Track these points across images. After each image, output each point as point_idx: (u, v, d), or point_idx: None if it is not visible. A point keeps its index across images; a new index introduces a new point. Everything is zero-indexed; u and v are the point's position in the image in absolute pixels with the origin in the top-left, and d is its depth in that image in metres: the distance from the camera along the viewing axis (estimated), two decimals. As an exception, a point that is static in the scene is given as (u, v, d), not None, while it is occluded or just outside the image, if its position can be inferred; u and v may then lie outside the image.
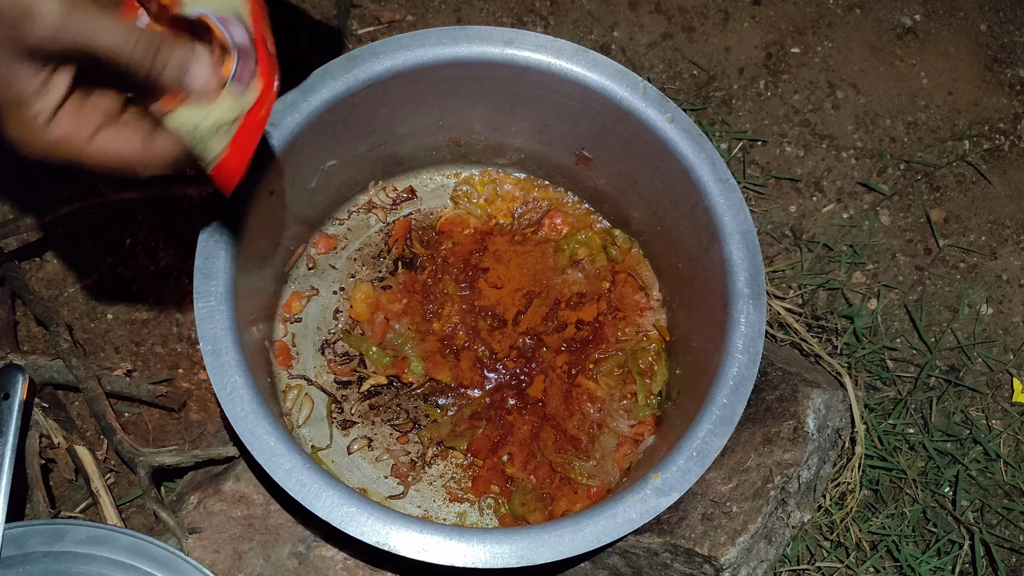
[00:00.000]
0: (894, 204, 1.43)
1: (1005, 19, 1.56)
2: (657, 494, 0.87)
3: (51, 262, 1.24)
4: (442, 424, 1.09)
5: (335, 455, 1.07)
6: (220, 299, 0.89)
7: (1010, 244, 1.42)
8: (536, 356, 1.11)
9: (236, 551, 1.00)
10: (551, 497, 1.06)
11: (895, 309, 1.36)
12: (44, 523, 0.92)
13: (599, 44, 1.47)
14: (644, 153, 1.04)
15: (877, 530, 1.20)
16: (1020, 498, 1.25)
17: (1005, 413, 1.30)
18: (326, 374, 1.11)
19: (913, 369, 1.31)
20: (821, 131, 1.46)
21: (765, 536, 1.04)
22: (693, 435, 0.90)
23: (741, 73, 1.48)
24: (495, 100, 1.07)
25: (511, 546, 0.84)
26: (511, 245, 1.17)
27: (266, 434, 0.85)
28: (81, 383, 1.09)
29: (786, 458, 1.04)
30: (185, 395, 1.19)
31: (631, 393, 1.11)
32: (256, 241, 0.97)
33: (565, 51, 1.01)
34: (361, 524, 0.83)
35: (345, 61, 0.98)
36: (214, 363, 0.87)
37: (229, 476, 1.04)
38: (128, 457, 1.05)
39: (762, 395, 1.09)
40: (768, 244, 1.38)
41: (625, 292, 1.15)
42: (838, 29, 1.52)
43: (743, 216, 0.98)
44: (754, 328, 0.94)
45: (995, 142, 1.48)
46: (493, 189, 1.19)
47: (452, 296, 1.13)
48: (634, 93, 1.01)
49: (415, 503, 1.06)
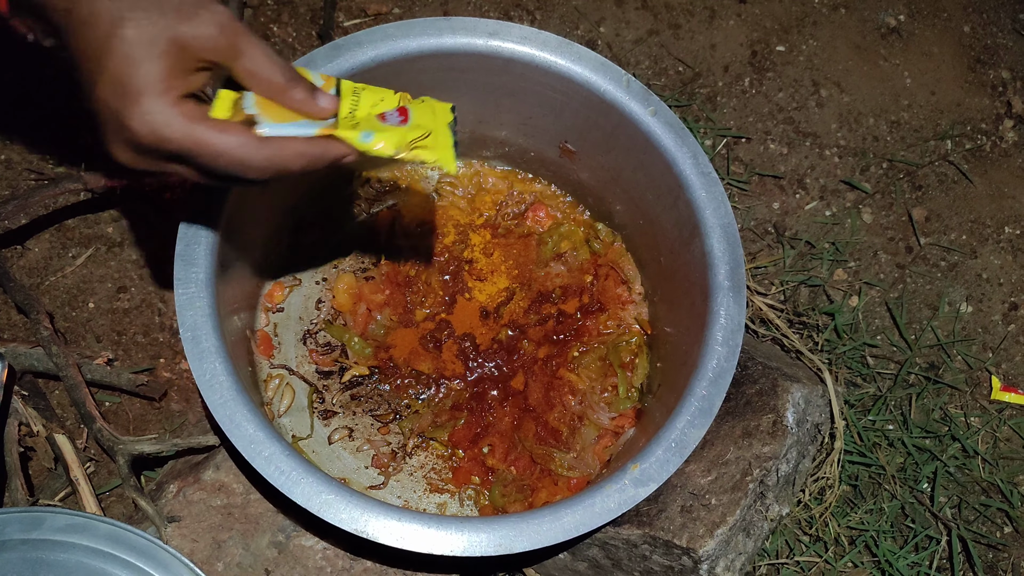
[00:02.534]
0: (876, 202, 1.43)
1: (988, 21, 1.57)
2: (635, 484, 0.88)
3: (33, 250, 1.23)
4: (423, 415, 1.09)
5: (316, 445, 1.07)
6: (201, 286, 0.88)
7: (990, 243, 1.43)
8: (518, 348, 1.12)
9: (215, 540, 1.00)
10: (531, 488, 1.06)
11: (876, 306, 1.37)
12: (22, 511, 0.92)
13: (585, 39, 1.48)
14: (627, 146, 1.04)
15: (856, 525, 1.20)
16: (997, 495, 1.26)
17: (983, 410, 1.31)
18: (308, 364, 1.10)
19: (893, 366, 1.32)
20: (805, 129, 1.47)
21: (744, 529, 1.04)
22: (672, 426, 0.90)
23: (726, 70, 1.49)
24: (479, 92, 1.07)
25: (489, 534, 0.84)
26: (494, 238, 1.17)
27: (245, 421, 0.85)
28: (61, 371, 1.08)
29: (765, 451, 1.04)
30: (166, 384, 1.19)
31: (612, 386, 1.11)
32: (237, 229, 0.97)
33: (549, 43, 1.01)
34: (340, 512, 0.83)
35: (329, 50, 0.97)
36: (194, 350, 0.86)
37: (209, 465, 1.04)
38: (108, 445, 1.05)
39: (742, 389, 1.09)
40: (751, 240, 1.39)
41: (607, 285, 1.16)
42: (823, 28, 1.53)
43: (724, 209, 0.98)
44: (734, 321, 0.95)
45: (977, 142, 1.49)
46: (477, 181, 1.20)
47: (434, 288, 1.13)
48: (617, 86, 1.01)
49: (395, 494, 1.06)
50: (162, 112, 0.62)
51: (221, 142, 0.64)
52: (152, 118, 0.62)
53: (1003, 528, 1.26)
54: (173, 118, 0.63)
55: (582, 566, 1.07)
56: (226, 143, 0.65)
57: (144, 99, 0.62)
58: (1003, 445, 1.30)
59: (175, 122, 0.63)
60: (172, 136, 0.63)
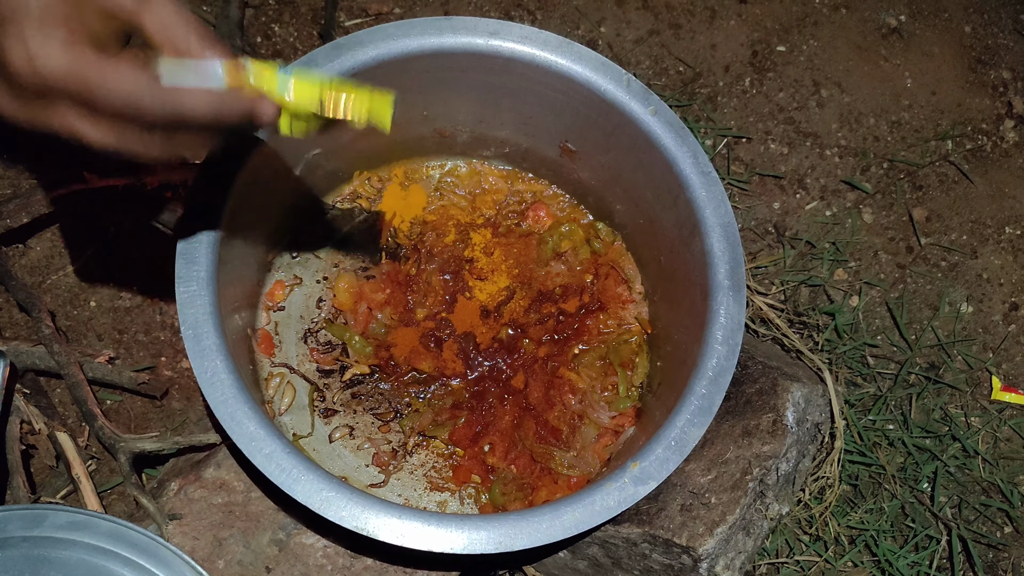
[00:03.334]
0: (877, 202, 1.44)
1: (989, 21, 1.57)
2: (635, 482, 0.88)
3: (34, 248, 1.24)
4: (424, 414, 1.09)
5: (316, 443, 1.07)
6: (202, 284, 0.89)
7: (991, 243, 1.43)
8: (518, 347, 1.12)
9: (216, 538, 1.00)
10: (531, 487, 1.06)
11: (876, 306, 1.37)
12: (23, 508, 0.92)
13: (586, 39, 1.48)
14: (627, 146, 1.05)
15: (856, 525, 1.21)
16: (997, 494, 1.26)
17: (984, 410, 1.31)
18: (308, 363, 1.11)
19: (893, 366, 1.32)
20: (805, 129, 1.47)
21: (743, 528, 1.04)
22: (672, 425, 0.90)
23: (727, 70, 1.49)
24: (480, 91, 1.07)
25: (489, 532, 0.84)
26: (495, 237, 1.17)
27: (246, 419, 0.85)
28: (63, 369, 1.09)
29: (765, 450, 1.04)
30: (167, 383, 1.19)
31: (612, 385, 1.11)
32: (239, 228, 0.97)
33: (550, 43, 1.02)
34: (340, 509, 0.83)
35: (330, 50, 0.98)
36: (195, 347, 0.87)
37: (210, 463, 1.04)
38: (109, 443, 1.05)
39: (742, 388, 1.09)
40: (751, 240, 1.39)
41: (607, 285, 1.16)
42: (824, 28, 1.53)
43: (724, 209, 0.98)
44: (734, 320, 0.95)
45: (977, 142, 1.49)
46: (478, 181, 1.20)
47: (435, 287, 1.14)
48: (618, 86, 1.02)
49: (396, 492, 1.06)
50: (44, 41, 0.57)
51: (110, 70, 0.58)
52: (30, 41, 0.57)
53: (1003, 528, 1.26)
54: (56, 47, 0.57)
55: (582, 564, 1.07)
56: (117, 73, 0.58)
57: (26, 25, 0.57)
58: (1003, 445, 1.30)
59: (55, 48, 0.57)
60: (52, 63, 0.57)
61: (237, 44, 1.34)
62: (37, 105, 0.60)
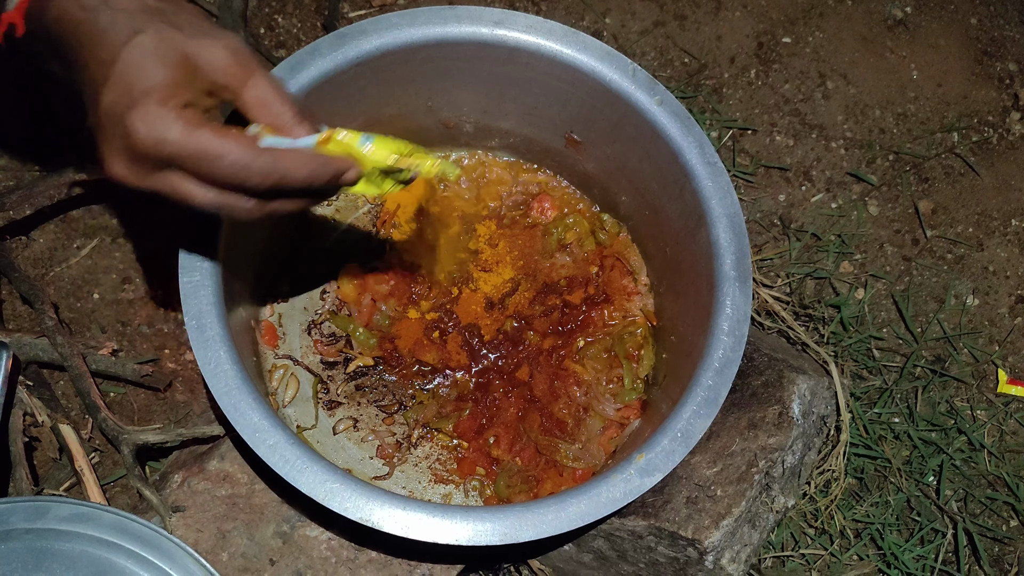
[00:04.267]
0: (882, 194, 1.43)
1: (995, 13, 1.56)
2: (641, 474, 0.87)
3: (38, 241, 1.23)
4: (428, 406, 1.09)
5: (320, 435, 1.07)
6: (206, 274, 0.88)
7: (997, 236, 1.42)
8: (523, 339, 1.11)
9: (220, 530, 1.00)
10: (536, 479, 1.06)
11: (882, 299, 1.37)
12: (26, 500, 0.92)
13: (591, 30, 1.47)
14: (633, 136, 1.04)
15: (861, 518, 1.20)
16: (1003, 488, 1.26)
17: (990, 404, 1.31)
18: (312, 354, 1.10)
19: (899, 359, 1.32)
20: (811, 121, 1.46)
21: (749, 520, 1.04)
22: (678, 416, 0.90)
23: (732, 62, 1.48)
24: (485, 81, 1.07)
25: (494, 524, 0.84)
26: (499, 228, 1.16)
27: (250, 409, 0.85)
28: (66, 361, 1.08)
29: (771, 443, 1.04)
30: (171, 375, 1.19)
31: (618, 377, 1.11)
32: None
33: (555, 32, 1.01)
34: (344, 500, 0.83)
35: (334, 39, 0.97)
36: (198, 338, 0.86)
37: (214, 455, 1.04)
38: (112, 435, 1.05)
39: (748, 380, 1.09)
40: (757, 232, 1.38)
41: (613, 276, 1.15)
42: (829, 20, 1.53)
43: (730, 199, 0.98)
44: (739, 311, 0.94)
45: (984, 134, 1.48)
46: (482, 172, 1.19)
47: (439, 279, 1.13)
48: (623, 75, 1.01)
49: (400, 484, 1.06)
50: (163, 115, 0.63)
51: (222, 144, 0.65)
52: (153, 119, 0.63)
53: (1009, 521, 1.25)
54: (173, 121, 0.63)
55: (587, 558, 1.07)
56: (226, 146, 0.65)
57: (148, 100, 0.63)
58: (1009, 438, 1.29)
59: (175, 125, 0.63)
60: (171, 137, 0.63)
61: (240, 35, 1.33)
62: (151, 172, 0.66)
